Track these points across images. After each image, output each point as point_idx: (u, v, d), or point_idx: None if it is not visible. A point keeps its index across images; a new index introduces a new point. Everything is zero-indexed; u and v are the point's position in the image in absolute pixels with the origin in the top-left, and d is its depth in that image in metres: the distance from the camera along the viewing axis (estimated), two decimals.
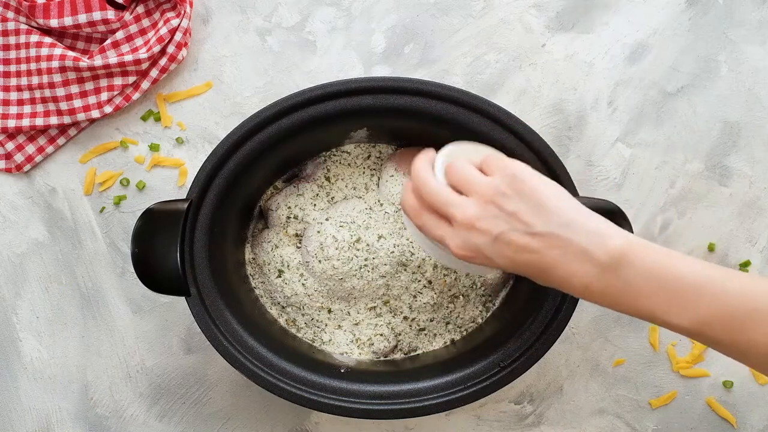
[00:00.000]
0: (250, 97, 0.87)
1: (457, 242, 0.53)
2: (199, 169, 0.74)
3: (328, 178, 0.82)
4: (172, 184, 0.87)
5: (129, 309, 0.86)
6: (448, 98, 0.74)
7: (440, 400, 0.73)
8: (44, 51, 0.83)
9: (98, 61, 0.83)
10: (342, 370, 0.77)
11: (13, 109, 0.86)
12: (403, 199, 0.60)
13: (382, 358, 0.81)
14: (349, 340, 0.81)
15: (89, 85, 0.85)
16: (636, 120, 0.86)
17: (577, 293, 0.53)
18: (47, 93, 0.84)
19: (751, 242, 0.85)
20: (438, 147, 0.82)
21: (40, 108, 0.86)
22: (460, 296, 0.81)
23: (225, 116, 0.87)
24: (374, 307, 0.81)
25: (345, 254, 0.78)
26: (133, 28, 0.84)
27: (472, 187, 0.55)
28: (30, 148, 0.86)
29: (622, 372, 0.85)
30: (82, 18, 0.83)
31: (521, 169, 0.55)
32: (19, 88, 0.86)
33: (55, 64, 0.83)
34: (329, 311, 0.81)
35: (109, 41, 0.84)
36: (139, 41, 0.85)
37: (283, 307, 0.82)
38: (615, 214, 0.72)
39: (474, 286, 0.81)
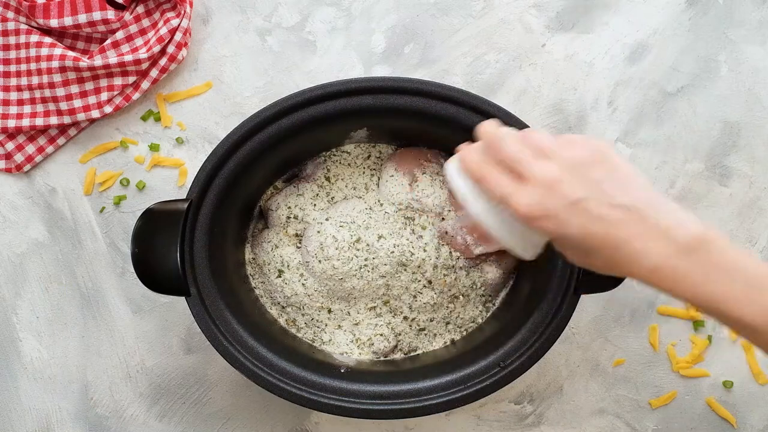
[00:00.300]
0: (250, 97, 0.87)
1: (527, 200, 0.51)
2: (199, 169, 0.74)
3: (328, 178, 0.82)
4: (172, 184, 0.87)
5: (129, 309, 0.86)
6: (448, 98, 0.74)
7: (440, 400, 0.73)
8: (44, 51, 0.83)
9: (98, 61, 0.83)
10: (342, 370, 0.77)
11: (13, 109, 0.86)
12: (465, 154, 0.57)
13: (382, 358, 0.81)
14: (349, 340, 0.81)
15: (89, 85, 0.85)
16: (636, 120, 0.86)
17: (641, 274, 0.51)
18: (47, 93, 0.84)
19: (751, 242, 0.85)
20: (438, 146, 0.83)
21: (40, 108, 0.86)
22: (460, 296, 0.81)
23: (225, 116, 0.87)
24: (374, 307, 0.81)
25: (345, 254, 0.78)
26: (133, 28, 0.84)
27: (554, 153, 0.52)
28: (30, 148, 0.86)
29: (622, 372, 0.85)
30: (82, 18, 0.83)
31: (605, 145, 0.53)
32: (19, 88, 0.86)
33: (55, 64, 0.83)
34: (329, 311, 0.81)
35: (109, 41, 0.84)
36: (139, 41, 0.85)
37: (283, 307, 0.82)
38: None
39: (474, 286, 0.81)
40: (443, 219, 0.80)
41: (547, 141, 0.53)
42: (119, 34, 0.84)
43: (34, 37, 0.84)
